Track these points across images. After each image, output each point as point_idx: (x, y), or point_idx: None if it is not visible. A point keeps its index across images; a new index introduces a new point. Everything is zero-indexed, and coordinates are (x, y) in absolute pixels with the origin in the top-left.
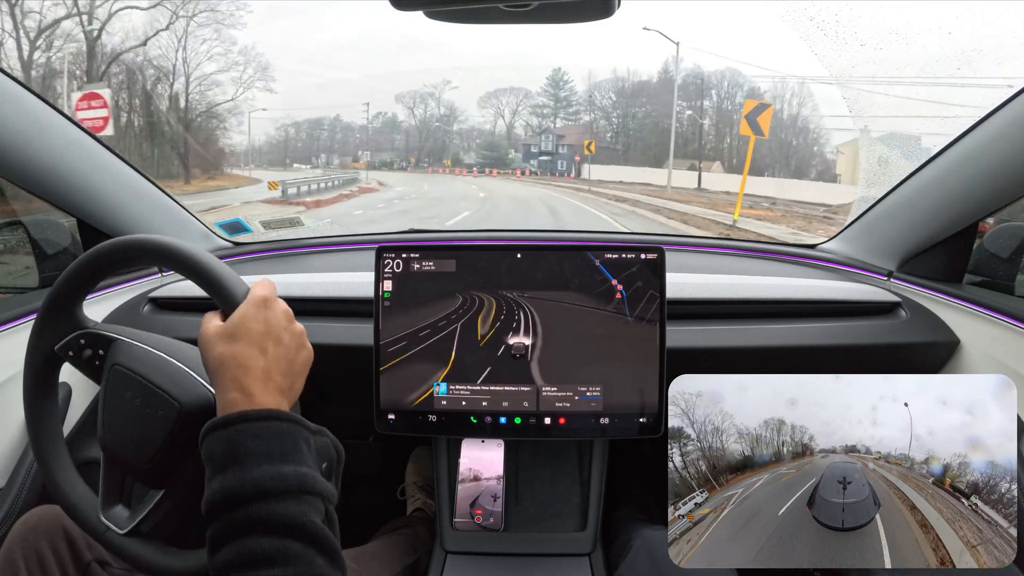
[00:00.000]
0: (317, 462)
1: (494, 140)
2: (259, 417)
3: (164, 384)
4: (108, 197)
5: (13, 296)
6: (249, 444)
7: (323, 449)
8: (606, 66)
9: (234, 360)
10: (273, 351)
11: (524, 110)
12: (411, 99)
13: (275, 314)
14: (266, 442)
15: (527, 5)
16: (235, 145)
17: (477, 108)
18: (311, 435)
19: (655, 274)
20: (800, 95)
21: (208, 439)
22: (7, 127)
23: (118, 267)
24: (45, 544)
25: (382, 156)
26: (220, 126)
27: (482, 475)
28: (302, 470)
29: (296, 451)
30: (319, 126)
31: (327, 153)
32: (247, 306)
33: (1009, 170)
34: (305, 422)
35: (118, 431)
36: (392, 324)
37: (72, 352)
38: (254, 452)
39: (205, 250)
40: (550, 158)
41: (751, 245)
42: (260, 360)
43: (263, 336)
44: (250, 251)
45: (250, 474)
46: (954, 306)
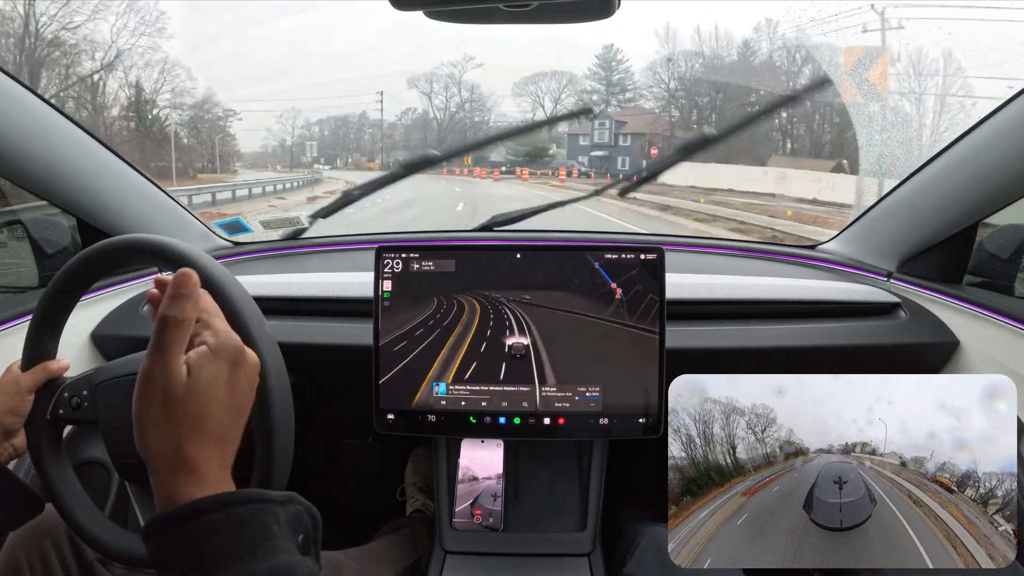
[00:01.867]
0: (292, 538)
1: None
2: (217, 504)
3: (139, 365)
4: (108, 197)
5: (13, 296)
6: (209, 545)
7: (295, 520)
8: (687, 27)
9: (190, 449)
10: (237, 424)
11: (568, 98)
12: (427, 83)
13: (248, 372)
14: (228, 539)
15: (527, 5)
16: (236, 144)
17: (512, 97)
18: (280, 508)
19: (655, 274)
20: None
21: (155, 538)
22: (7, 127)
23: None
24: (48, 543)
25: (398, 155)
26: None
27: (482, 475)
28: (278, 562)
29: (267, 538)
30: (345, 124)
31: (347, 153)
32: (219, 363)
33: (1009, 170)
34: (269, 495)
35: (121, 440)
36: (392, 324)
37: (63, 411)
38: (216, 555)
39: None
40: (606, 153)
41: (751, 245)
42: (223, 445)
43: (231, 411)
44: (250, 251)
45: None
46: (954, 307)
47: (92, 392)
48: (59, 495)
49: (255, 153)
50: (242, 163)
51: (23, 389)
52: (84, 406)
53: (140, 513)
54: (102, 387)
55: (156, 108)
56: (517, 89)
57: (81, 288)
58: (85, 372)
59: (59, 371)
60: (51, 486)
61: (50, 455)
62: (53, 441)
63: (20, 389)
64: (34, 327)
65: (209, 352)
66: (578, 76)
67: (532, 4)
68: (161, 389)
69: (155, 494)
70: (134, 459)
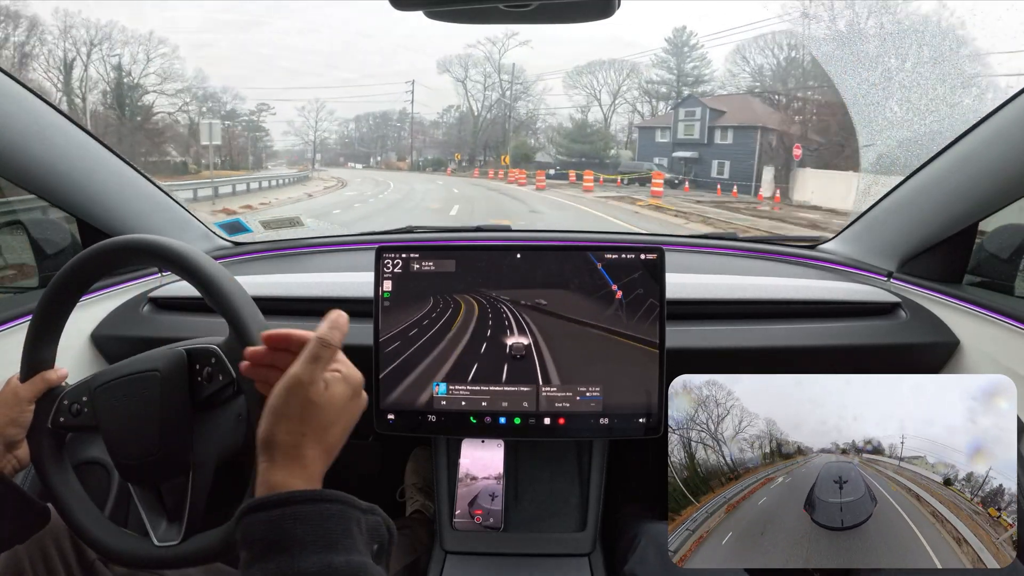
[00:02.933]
0: (368, 545)
1: (583, 126)
2: (307, 499)
3: (138, 366)
4: (108, 197)
5: (13, 296)
6: (296, 530)
7: (374, 530)
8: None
9: (309, 448)
10: (342, 441)
11: (630, 91)
12: (460, 67)
13: (361, 403)
14: (314, 528)
15: (527, 5)
16: (269, 140)
17: (564, 92)
18: (362, 515)
19: (655, 274)
20: None
21: (246, 521)
22: (7, 127)
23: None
24: (50, 542)
25: (429, 154)
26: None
27: (482, 475)
28: (354, 560)
29: (347, 537)
30: (387, 121)
31: (381, 151)
32: (347, 387)
33: (1009, 170)
34: (356, 501)
35: (122, 441)
36: (392, 324)
37: (63, 419)
38: (301, 540)
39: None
40: (695, 154)
41: (751, 245)
42: (331, 453)
43: (345, 429)
44: (250, 251)
45: (297, 565)
46: (954, 307)
47: (92, 397)
48: (63, 501)
49: (289, 151)
50: (278, 160)
51: (23, 400)
52: (84, 412)
53: (143, 514)
54: (101, 390)
55: (146, 94)
56: (569, 81)
57: (80, 289)
58: (84, 378)
59: (58, 380)
60: (54, 493)
61: (52, 463)
62: (55, 449)
63: (20, 400)
64: (34, 328)
65: (341, 377)
66: (641, 65)
67: (532, 4)
68: (306, 390)
69: (259, 480)
70: (135, 460)
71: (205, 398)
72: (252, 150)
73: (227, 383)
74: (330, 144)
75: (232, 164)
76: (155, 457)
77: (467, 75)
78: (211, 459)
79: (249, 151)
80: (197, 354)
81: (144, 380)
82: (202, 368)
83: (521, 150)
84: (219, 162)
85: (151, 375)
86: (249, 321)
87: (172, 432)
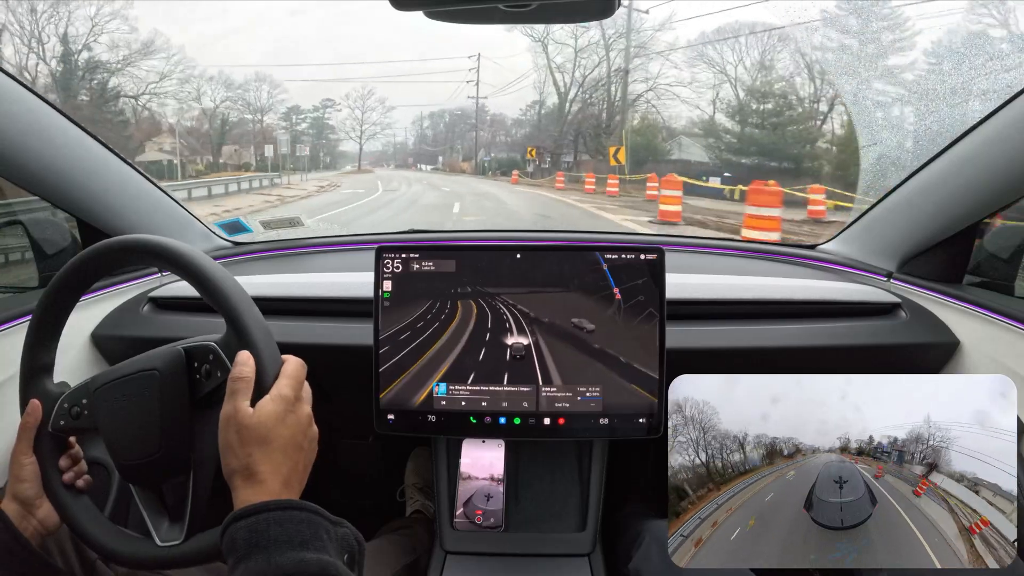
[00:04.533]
0: (338, 552)
1: (768, 96)
2: (281, 507)
3: (136, 366)
4: (108, 197)
5: (13, 296)
6: (272, 531)
7: (343, 540)
8: None
9: (259, 465)
10: (295, 457)
11: (780, 63)
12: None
13: (300, 417)
14: (288, 529)
15: (527, 5)
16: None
17: (685, 65)
18: (331, 526)
19: (655, 275)
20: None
21: (230, 529)
22: (7, 127)
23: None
24: (51, 541)
25: (500, 153)
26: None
27: (482, 475)
28: (324, 558)
29: (317, 539)
30: (463, 118)
31: (451, 152)
32: (277, 405)
33: (1009, 170)
34: (325, 513)
35: (123, 442)
36: (392, 324)
37: (63, 421)
38: (277, 539)
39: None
40: None
41: (751, 246)
42: (284, 467)
43: (289, 443)
44: (250, 251)
45: (274, 560)
46: (954, 307)
47: (91, 399)
48: (65, 506)
49: (376, 152)
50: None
51: (18, 454)
52: (84, 415)
53: (145, 514)
54: (100, 392)
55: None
56: (694, 52)
57: (80, 289)
58: (83, 381)
59: (35, 421)
60: (56, 496)
61: (54, 466)
62: (57, 452)
63: (16, 456)
64: (34, 328)
65: (269, 400)
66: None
67: (532, 4)
68: (235, 419)
69: (235, 506)
70: (136, 461)
71: (204, 396)
72: (325, 150)
73: (225, 380)
74: (398, 143)
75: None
76: (156, 457)
77: (548, 33)
78: (212, 458)
79: (323, 151)
80: (195, 352)
81: (143, 380)
82: (200, 365)
83: (646, 140)
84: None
85: (150, 375)
86: (249, 321)
87: (172, 431)
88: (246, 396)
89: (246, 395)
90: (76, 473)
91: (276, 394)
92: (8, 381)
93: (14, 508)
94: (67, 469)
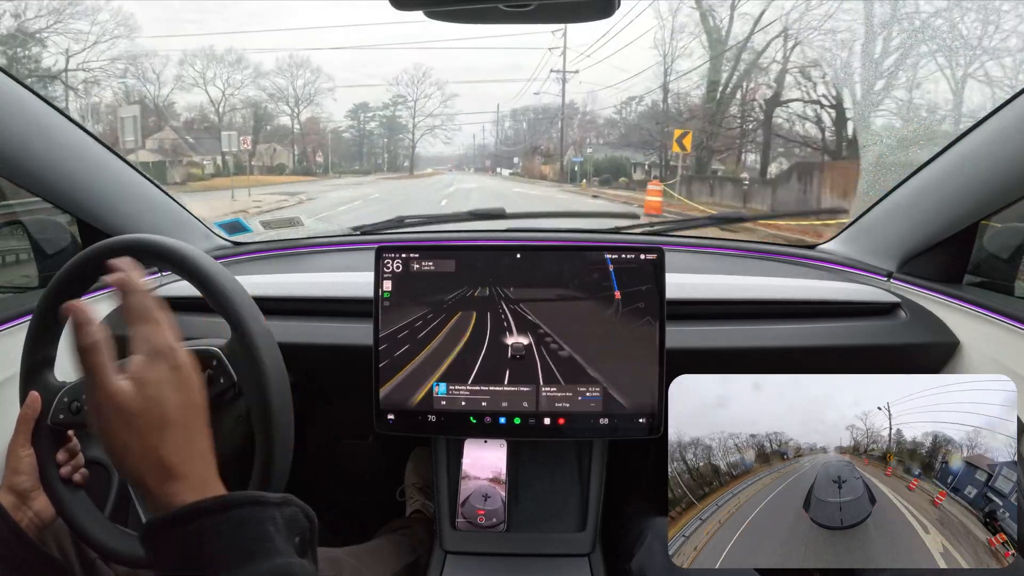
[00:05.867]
0: (289, 540)
1: None
2: (215, 509)
3: None
4: (108, 197)
5: (13, 296)
6: (209, 547)
7: (292, 521)
8: None
9: (170, 456)
10: (199, 424)
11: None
12: None
13: (183, 366)
14: (227, 540)
15: (527, 5)
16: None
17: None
18: (277, 510)
19: (655, 274)
20: None
21: (154, 543)
22: (7, 127)
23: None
24: (49, 536)
25: (599, 152)
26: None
27: (483, 475)
28: (277, 564)
29: (265, 540)
30: (548, 114)
31: (532, 154)
32: (157, 365)
33: (1009, 170)
34: (267, 497)
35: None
36: (392, 324)
37: (63, 416)
38: (217, 557)
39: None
40: None
41: (751, 245)
42: (198, 444)
43: (189, 410)
44: (249, 251)
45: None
46: (954, 307)
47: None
48: (61, 500)
49: (457, 155)
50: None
51: (16, 446)
52: (84, 410)
53: (143, 513)
54: None
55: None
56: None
57: (81, 288)
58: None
59: (34, 413)
60: (53, 490)
61: (52, 459)
62: (55, 445)
63: (14, 448)
64: (34, 328)
65: (144, 360)
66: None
67: (532, 4)
68: (114, 409)
69: (151, 508)
70: None
71: (208, 401)
72: (403, 152)
73: (228, 386)
74: (478, 145)
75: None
76: None
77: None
78: None
79: (402, 153)
80: (199, 357)
81: None
82: (204, 370)
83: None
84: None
85: None
86: (250, 321)
87: None
88: (107, 369)
89: (106, 368)
90: (73, 467)
91: (148, 349)
92: (8, 380)
93: (10, 499)
94: (64, 463)
